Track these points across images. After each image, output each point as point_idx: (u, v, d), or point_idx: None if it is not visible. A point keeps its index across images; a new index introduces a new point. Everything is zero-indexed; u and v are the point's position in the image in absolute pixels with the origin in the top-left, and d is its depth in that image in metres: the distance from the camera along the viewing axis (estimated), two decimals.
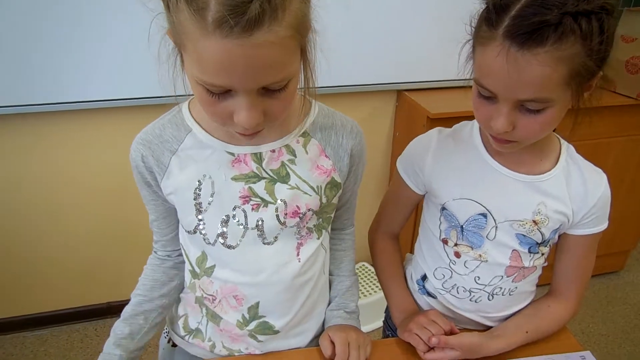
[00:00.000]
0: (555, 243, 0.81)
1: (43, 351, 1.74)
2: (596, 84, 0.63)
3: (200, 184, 0.70)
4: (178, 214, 0.75)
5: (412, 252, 0.96)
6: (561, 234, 0.80)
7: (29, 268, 1.71)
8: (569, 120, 0.67)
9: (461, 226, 0.79)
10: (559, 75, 0.58)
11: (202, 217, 0.71)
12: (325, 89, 1.53)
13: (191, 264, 0.78)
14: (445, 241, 0.82)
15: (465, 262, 0.81)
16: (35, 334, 1.80)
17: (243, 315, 0.77)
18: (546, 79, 0.58)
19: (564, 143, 0.78)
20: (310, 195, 0.72)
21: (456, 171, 0.79)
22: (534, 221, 0.75)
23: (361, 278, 1.89)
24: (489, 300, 0.83)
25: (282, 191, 0.71)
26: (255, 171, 0.70)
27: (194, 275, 0.78)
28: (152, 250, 0.84)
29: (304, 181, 0.72)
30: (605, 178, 0.76)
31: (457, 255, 0.81)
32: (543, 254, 0.80)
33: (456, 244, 0.81)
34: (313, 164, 0.73)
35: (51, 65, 1.35)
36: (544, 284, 0.87)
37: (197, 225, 0.72)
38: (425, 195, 0.87)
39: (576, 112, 0.66)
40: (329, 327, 0.82)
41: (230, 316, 0.77)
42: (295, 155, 0.72)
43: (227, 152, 0.70)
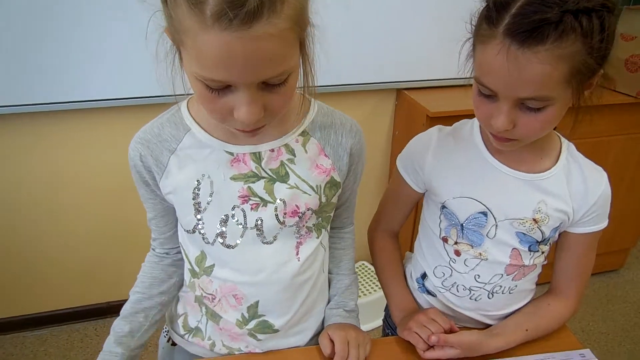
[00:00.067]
0: (555, 241, 0.81)
1: (43, 351, 1.74)
2: (597, 82, 0.63)
3: (199, 184, 0.70)
4: (177, 213, 0.75)
5: (412, 251, 0.96)
6: (561, 232, 0.80)
7: (29, 268, 1.70)
8: (570, 118, 0.67)
9: (461, 224, 0.79)
10: (560, 73, 0.58)
11: (201, 217, 0.71)
12: (324, 88, 1.53)
13: (190, 263, 0.78)
14: (445, 239, 0.82)
15: (465, 261, 0.81)
16: (35, 334, 1.80)
17: (242, 314, 0.77)
18: (546, 77, 0.58)
19: (565, 141, 0.77)
20: (309, 194, 0.72)
21: (456, 169, 0.78)
22: (534, 219, 0.75)
23: (361, 277, 1.88)
24: (489, 298, 0.83)
25: (282, 190, 0.71)
26: (254, 171, 0.70)
27: (194, 274, 0.78)
28: (150, 247, 0.83)
29: (303, 180, 0.72)
30: (605, 176, 0.76)
31: (457, 253, 0.81)
32: (543, 253, 0.80)
33: (456, 243, 0.81)
34: (312, 164, 0.73)
35: (51, 64, 1.35)
36: (544, 282, 0.87)
37: (196, 224, 0.72)
38: (425, 193, 0.87)
39: (577, 111, 0.65)
40: (329, 326, 0.82)
41: (229, 315, 0.77)
42: (294, 154, 0.71)
43: (226, 152, 0.69)
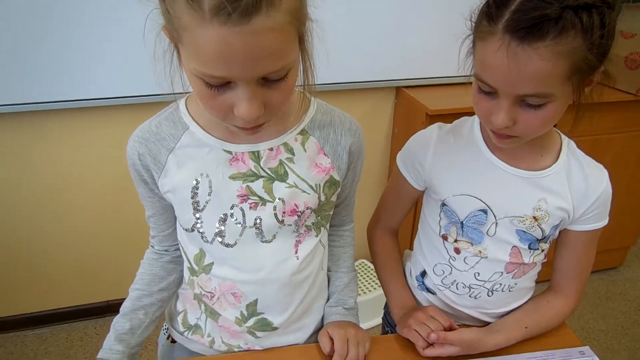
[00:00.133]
0: (555, 239, 0.81)
1: (43, 349, 1.74)
2: (597, 79, 0.63)
3: (197, 183, 0.70)
4: (175, 212, 0.75)
5: (411, 249, 0.96)
6: (562, 230, 0.79)
7: (29, 266, 1.70)
8: (570, 116, 0.67)
9: (461, 222, 0.79)
10: (560, 69, 0.57)
11: (200, 216, 0.71)
12: (324, 86, 1.53)
13: (189, 261, 0.78)
14: (445, 237, 0.82)
15: (465, 258, 0.81)
16: (35, 333, 1.80)
17: (241, 312, 0.77)
18: (547, 74, 0.57)
19: (565, 139, 0.77)
20: (308, 193, 0.72)
21: (456, 167, 0.78)
22: (534, 217, 0.75)
23: (360, 275, 1.88)
24: (489, 296, 0.83)
25: (281, 190, 0.71)
26: (253, 170, 0.70)
27: (192, 272, 0.78)
28: (149, 244, 0.83)
29: (303, 180, 0.72)
30: (606, 174, 0.76)
31: (457, 251, 0.81)
32: (543, 250, 0.80)
33: (456, 240, 0.81)
34: (311, 162, 0.72)
35: (51, 63, 1.34)
36: (544, 280, 0.87)
37: (195, 223, 0.72)
38: (425, 191, 0.86)
39: (577, 108, 0.65)
40: (328, 324, 0.82)
41: (228, 313, 0.77)
42: (293, 153, 0.71)
43: (225, 151, 0.69)
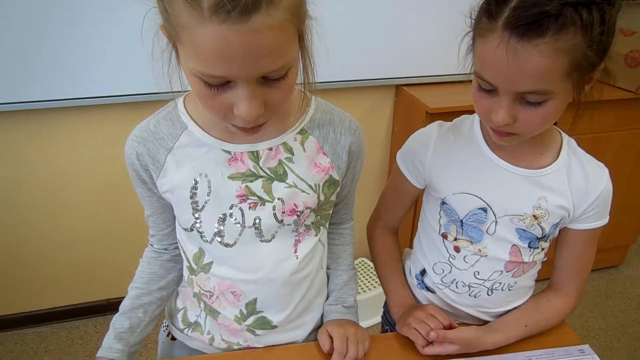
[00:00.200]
0: (555, 238, 0.81)
1: (43, 348, 1.74)
2: (597, 77, 0.63)
3: (196, 183, 0.69)
4: (175, 211, 0.75)
5: (411, 247, 0.96)
6: (562, 229, 0.79)
7: (29, 265, 1.70)
8: (570, 114, 0.67)
9: (461, 221, 0.79)
10: (560, 66, 0.57)
11: (199, 216, 0.71)
12: (323, 84, 1.51)
13: (188, 260, 0.78)
14: (444, 236, 0.82)
15: (464, 257, 0.81)
16: (35, 331, 1.80)
17: (241, 310, 0.76)
18: (546, 70, 0.57)
19: (565, 137, 0.77)
20: (308, 193, 0.72)
21: (456, 165, 0.78)
22: (534, 216, 0.75)
23: (360, 273, 1.88)
24: (488, 295, 0.82)
25: (280, 189, 0.70)
26: (252, 170, 0.69)
27: (191, 271, 0.78)
28: (148, 243, 0.83)
29: (302, 179, 0.71)
30: (607, 172, 0.75)
31: (457, 249, 0.81)
32: (543, 249, 0.80)
33: (456, 239, 0.81)
34: (311, 162, 0.72)
35: (48, 62, 1.34)
36: (543, 279, 0.87)
37: (194, 223, 0.72)
38: (425, 189, 0.86)
39: (577, 106, 0.65)
40: (327, 322, 0.82)
41: (228, 311, 0.77)
42: (292, 153, 0.71)
43: (224, 151, 0.69)
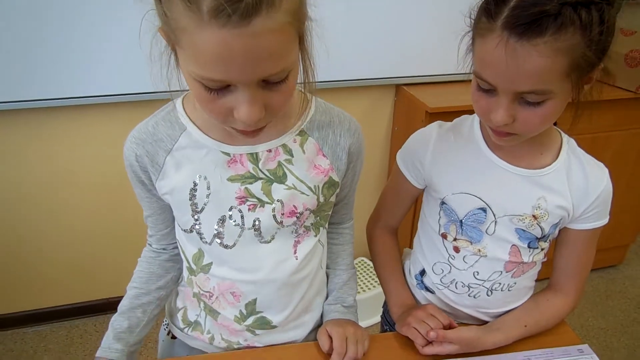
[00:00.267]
0: (555, 238, 0.81)
1: (43, 347, 1.74)
2: (596, 77, 0.63)
3: (195, 185, 0.69)
4: (174, 213, 0.75)
5: (411, 247, 0.96)
6: (561, 229, 0.79)
7: (29, 264, 1.70)
8: (569, 114, 0.67)
9: (460, 221, 0.79)
10: (559, 66, 0.57)
11: (198, 217, 0.71)
12: (323, 84, 1.52)
13: (188, 261, 0.77)
14: (444, 236, 0.82)
15: (464, 257, 0.81)
16: (35, 330, 1.80)
17: (240, 310, 0.77)
18: (545, 70, 0.57)
19: (565, 137, 0.77)
20: (307, 195, 0.72)
21: (456, 165, 0.78)
22: (534, 216, 0.75)
23: (360, 273, 1.88)
24: (488, 296, 0.82)
25: (279, 191, 0.70)
26: (251, 172, 0.69)
27: (191, 271, 0.78)
28: (147, 242, 0.83)
29: (301, 181, 0.71)
30: (607, 173, 0.75)
31: (456, 250, 0.81)
32: (542, 249, 0.80)
33: (455, 239, 0.81)
34: (310, 164, 0.72)
35: (46, 60, 1.34)
36: (543, 279, 0.87)
37: (194, 225, 0.72)
38: (424, 189, 0.86)
39: (576, 106, 0.65)
40: (327, 322, 0.82)
41: (227, 312, 0.77)
42: (292, 155, 0.70)
43: (223, 152, 0.68)
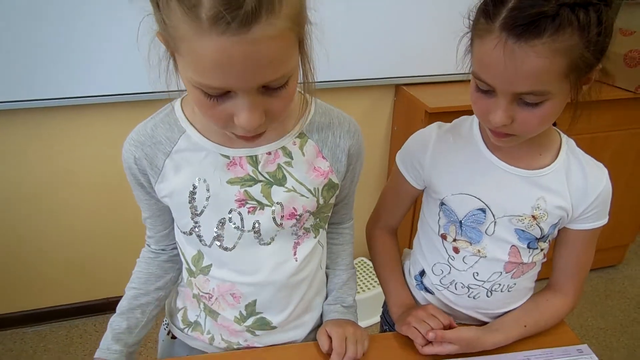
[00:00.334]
0: (554, 238, 0.81)
1: (42, 347, 1.74)
2: (595, 77, 0.63)
3: (195, 188, 0.69)
4: (173, 215, 0.75)
5: (411, 247, 0.96)
6: (561, 229, 0.79)
7: (28, 264, 1.70)
8: (568, 114, 0.67)
9: (460, 221, 0.79)
10: (557, 67, 0.57)
11: (198, 220, 0.71)
12: (323, 84, 1.52)
13: (187, 262, 0.78)
14: (444, 236, 0.82)
15: (464, 258, 0.81)
16: (34, 330, 1.80)
17: (240, 311, 0.77)
18: (544, 71, 0.57)
19: (564, 137, 0.77)
20: (307, 197, 0.71)
21: (455, 166, 0.78)
22: (533, 216, 0.75)
23: (359, 273, 1.88)
24: (488, 297, 0.82)
25: (279, 194, 0.70)
26: (251, 174, 0.69)
27: (190, 273, 0.78)
28: (145, 243, 0.83)
29: (301, 183, 0.71)
30: (606, 173, 0.75)
31: (456, 250, 0.81)
32: (542, 250, 0.80)
33: (455, 240, 0.81)
34: (310, 166, 0.72)
35: (46, 60, 1.34)
36: (543, 279, 0.87)
37: (193, 227, 0.72)
38: (424, 190, 0.86)
39: (575, 106, 0.65)
40: (326, 322, 0.82)
41: (227, 313, 0.77)
42: (291, 157, 0.70)
43: (222, 155, 0.68)
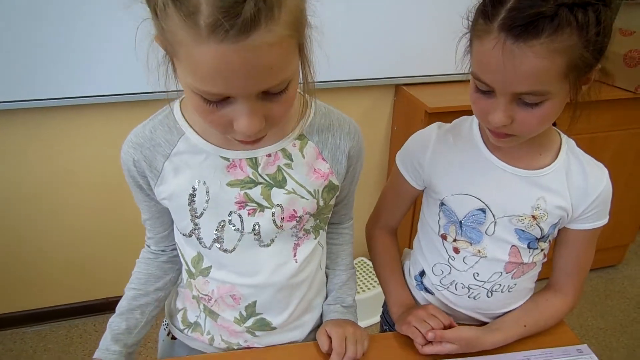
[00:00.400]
0: (554, 238, 0.81)
1: (42, 346, 1.74)
2: (594, 77, 0.63)
3: (194, 190, 0.69)
4: (173, 217, 0.74)
5: (411, 247, 0.96)
6: (561, 229, 0.79)
7: (28, 264, 1.70)
8: (568, 114, 0.67)
9: (460, 221, 0.79)
10: (556, 67, 0.57)
11: (198, 222, 0.71)
12: (322, 84, 1.52)
13: (187, 264, 0.77)
14: (444, 237, 0.82)
15: (464, 258, 0.81)
16: (34, 330, 1.80)
17: (240, 312, 0.77)
18: (542, 71, 0.57)
19: (564, 137, 0.77)
20: (307, 199, 0.71)
21: (455, 166, 0.78)
22: (533, 216, 0.75)
23: (359, 273, 1.88)
24: (488, 297, 0.82)
25: (279, 196, 0.70)
26: (251, 177, 0.69)
27: (190, 274, 0.78)
28: (145, 244, 0.83)
29: (301, 185, 0.71)
30: (606, 173, 0.75)
31: (456, 250, 0.81)
32: (542, 250, 0.80)
33: (455, 240, 0.81)
34: (310, 168, 0.71)
35: (46, 60, 1.34)
36: (543, 278, 0.87)
37: (193, 229, 0.71)
38: (424, 190, 0.86)
39: (574, 106, 0.65)
40: (326, 322, 0.82)
41: (227, 314, 0.77)
42: (291, 159, 0.70)
43: (222, 157, 0.68)
